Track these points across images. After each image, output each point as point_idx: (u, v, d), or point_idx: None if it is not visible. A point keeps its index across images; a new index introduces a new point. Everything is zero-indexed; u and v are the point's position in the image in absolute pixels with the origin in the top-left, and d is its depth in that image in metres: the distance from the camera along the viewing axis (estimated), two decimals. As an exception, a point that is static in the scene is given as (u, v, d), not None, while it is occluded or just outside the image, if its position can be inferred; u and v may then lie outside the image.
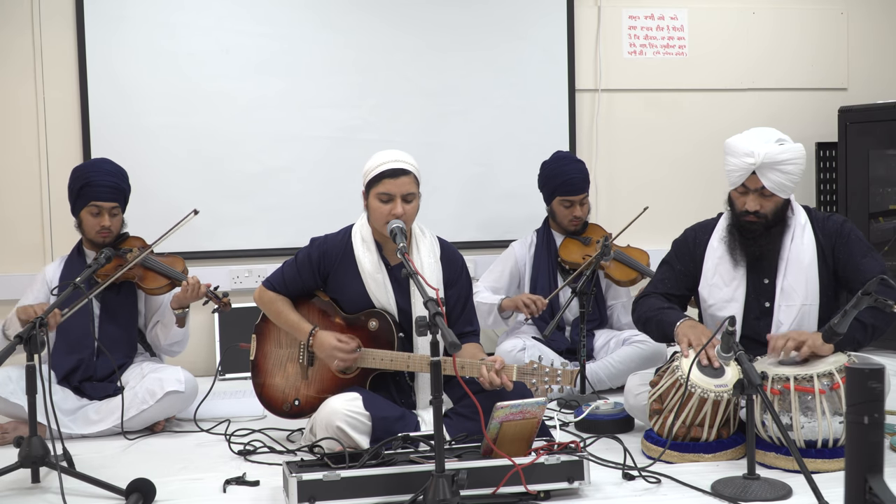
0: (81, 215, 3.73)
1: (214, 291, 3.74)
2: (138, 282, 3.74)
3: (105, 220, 3.70)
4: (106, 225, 3.70)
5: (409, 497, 2.59)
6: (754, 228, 3.27)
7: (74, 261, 3.80)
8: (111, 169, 3.76)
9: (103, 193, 3.68)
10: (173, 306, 3.75)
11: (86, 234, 3.76)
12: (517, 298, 4.19)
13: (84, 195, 3.69)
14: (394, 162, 3.20)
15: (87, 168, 3.77)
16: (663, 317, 3.29)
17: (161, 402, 3.59)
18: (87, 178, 3.69)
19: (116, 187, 3.72)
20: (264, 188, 4.82)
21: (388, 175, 3.18)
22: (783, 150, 3.16)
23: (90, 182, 3.68)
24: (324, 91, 4.86)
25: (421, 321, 2.49)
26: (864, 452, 1.95)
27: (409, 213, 3.21)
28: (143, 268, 3.74)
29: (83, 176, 3.71)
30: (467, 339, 3.34)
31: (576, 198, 4.36)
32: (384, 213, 3.18)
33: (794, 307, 3.25)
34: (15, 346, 2.90)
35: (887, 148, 4.91)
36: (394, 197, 3.18)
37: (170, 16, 4.68)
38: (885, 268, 3.21)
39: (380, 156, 3.25)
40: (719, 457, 3.07)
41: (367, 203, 3.27)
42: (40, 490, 2.93)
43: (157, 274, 3.76)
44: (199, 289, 3.67)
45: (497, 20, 5.01)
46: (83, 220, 3.73)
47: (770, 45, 5.34)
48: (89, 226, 3.72)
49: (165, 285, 3.76)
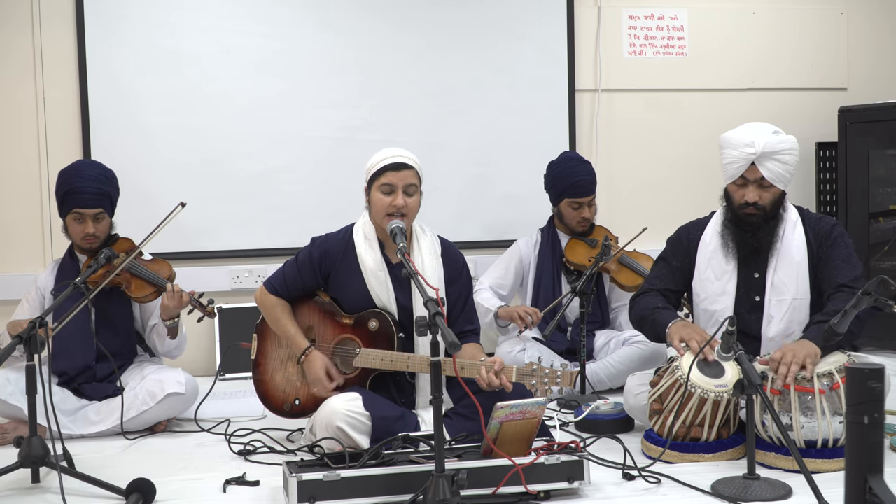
0: (66, 221, 3.70)
1: (198, 299, 3.68)
2: (125, 289, 3.69)
3: (89, 227, 3.65)
4: (90, 232, 3.66)
5: (409, 497, 2.59)
6: (753, 221, 3.29)
7: (67, 265, 3.78)
8: (95, 173, 3.68)
9: (86, 200, 3.62)
10: (162, 318, 3.70)
11: (72, 239, 3.74)
12: (513, 310, 4.16)
13: (67, 202, 3.63)
14: (397, 156, 3.24)
15: (71, 174, 3.67)
16: (657, 317, 3.31)
17: (161, 404, 3.59)
18: (70, 184, 3.63)
19: (100, 193, 3.65)
20: (265, 188, 4.82)
21: (391, 168, 3.21)
22: (780, 141, 3.24)
23: (73, 188, 3.61)
24: (324, 91, 4.86)
25: (421, 321, 2.49)
26: (864, 452, 1.95)
27: (410, 205, 3.22)
28: (130, 274, 3.68)
29: (66, 182, 3.64)
30: (468, 338, 3.34)
31: (584, 199, 4.36)
32: (385, 204, 3.19)
33: (784, 302, 3.27)
34: (14, 346, 2.90)
35: (887, 148, 4.91)
36: (396, 188, 3.19)
37: (170, 16, 4.68)
38: (860, 275, 3.22)
39: (383, 151, 3.29)
40: (719, 457, 3.07)
41: (369, 198, 3.28)
42: (40, 490, 2.93)
43: (144, 281, 3.70)
44: (181, 297, 3.62)
45: (497, 20, 5.01)
46: (68, 225, 3.70)
47: (770, 45, 5.34)
48: (74, 232, 3.69)
49: (151, 293, 3.70)
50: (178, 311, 3.69)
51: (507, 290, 4.43)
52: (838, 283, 3.20)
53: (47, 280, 3.78)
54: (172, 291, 3.61)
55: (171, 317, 3.69)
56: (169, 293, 3.62)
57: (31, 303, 3.77)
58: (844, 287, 3.17)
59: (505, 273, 4.44)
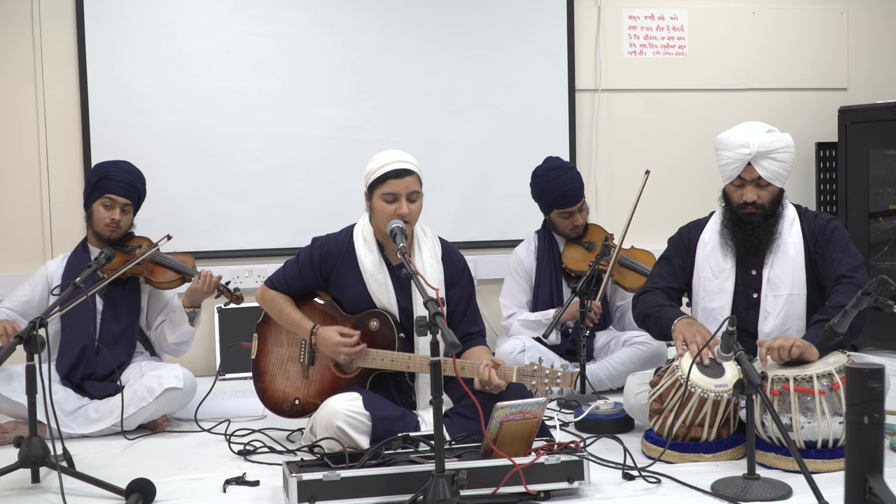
0: (94, 207, 3.76)
1: (226, 285, 3.82)
2: (147, 275, 3.79)
3: (116, 213, 3.74)
4: (116, 219, 3.74)
5: (409, 497, 2.59)
6: (753, 220, 3.31)
7: (79, 256, 3.82)
8: (131, 169, 3.83)
9: (119, 188, 3.74)
10: (185, 304, 3.79)
11: (94, 226, 3.78)
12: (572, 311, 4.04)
13: (100, 187, 3.74)
14: (397, 162, 3.20)
15: (109, 164, 3.85)
16: (662, 314, 3.32)
17: (160, 399, 3.59)
18: (106, 171, 3.77)
19: (133, 186, 3.79)
20: (265, 188, 4.82)
21: (393, 175, 3.18)
22: (775, 139, 3.25)
23: (108, 176, 3.75)
24: (324, 91, 4.86)
25: (421, 321, 2.49)
26: (864, 452, 1.95)
27: (413, 212, 3.21)
28: (152, 263, 3.80)
29: (103, 169, 3.80)
30: (474, 340, 3.34)
31: (574, 207, 4.31)
32: (389, 212, 3.17)
33: (780, 297, 3.28)
34: (15, 346, 2.91)
35: (887, 148, 4.91)
36: (399, 196, 3.17)
37: (170, 16, 4.68)
38: (859, 263, 3.25)
39: (382, 156, 3.24)
40: (719, 457, 3.07)
41: (371, 204, 3.26)
42: (40, 490, 2.94)
43: (167, 268, 3.82)
44: (211, 280, 3.74)
45: (497, 20, 5.01)
46: (94, 211, 3.76)
47: (770, 45, 5.34)
48: (99, 217, 3.75)
49: (175, 279, 3.82)
50: (205, 297, 3.80)
51: (528, 306, 4.38)
52: (839, 275, 3.20)
53: (56, 270, 3.80)
54: (201, 276, 3.74)
55: (195, 304, 3.79)
56: (199, 277, 3.74)
57: (34, 287, 3.77)
58: (845, 277, 3.18)
59: (518, 291, 4.39)
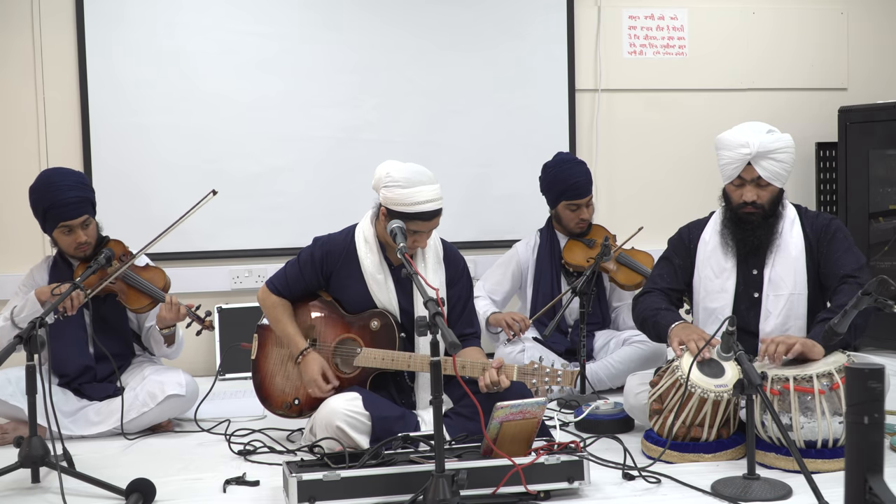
0: (54, 236, 3.60)
1: (195, 312, 3.63)
2: (120, 298, 3.65)
3: (80, 236, 3.56)
4: (82, 241, 3.57)
5: (409, 497, 2.59)
6: (753, 220, 3.31)
7: (61, 268, 3.68)
8: (69, 182, 3.55)
9: (70, 211, 3.51)
10: (159, 326, 3.67)
11: (64, 251, 3.64)
12: (503, 317, 4.18)
13: (51, 217, 3.52)
14: (430, 202, 3.14)
15: (46, 188, 3.54)
16: (659, 318, 3.32)
17: (161, 406, 3.58)
18: (49, 199, 3.50)
19: (81, 199, 3.54)
20: (265, 188, 4.82)
21: (425, 217, 3.15)
22: (775, 140, 3.25)
23: (54, 203, 3.49)
24: (324, 91, 4.85)
25: (421, 321, 2.49)
26: (864, 452, 1.95)
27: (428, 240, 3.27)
28: (125, 284, 3.64)
29: (45, 198, 3.52)
30: (468, 341, 3.34)
31: (582, 201, 4.34)
32: (409, 244, 3.10)
33: (781, 296, 3.28)
34: (15, 346, 2.91)
35: (887, 148, 4.91)
36: (422, 235, 3.20)
37: (170, 16, 4.68)
38: (863, 263, 3.25)
39: (414, 189, 3.12)
40: (719, 457, 3.07)
41: (386, 216, 3.19)
42: (40, 490, 2.93)
43: (139, 292, 3.64)
44: (179, 310, 3.57)
45: (497, 20, 5.01)
46: (57, 239, 3.59)
47: (770, 45, 5.34)
48: (65, 245, 3.59)
49: (148, 304, 3.65)
50: (175, 323, 3.65)
51: (501, 296, 4.42)
52: (843, 274, 3.21)
53: (41, 277, 3.70)
54: (170, 304, 3.57)
55: (167, 326, 3.66)
56: (167, 305, 3.57)
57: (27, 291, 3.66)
58: (849, 277, 3.19)
59: (501, 278, 4.43)
